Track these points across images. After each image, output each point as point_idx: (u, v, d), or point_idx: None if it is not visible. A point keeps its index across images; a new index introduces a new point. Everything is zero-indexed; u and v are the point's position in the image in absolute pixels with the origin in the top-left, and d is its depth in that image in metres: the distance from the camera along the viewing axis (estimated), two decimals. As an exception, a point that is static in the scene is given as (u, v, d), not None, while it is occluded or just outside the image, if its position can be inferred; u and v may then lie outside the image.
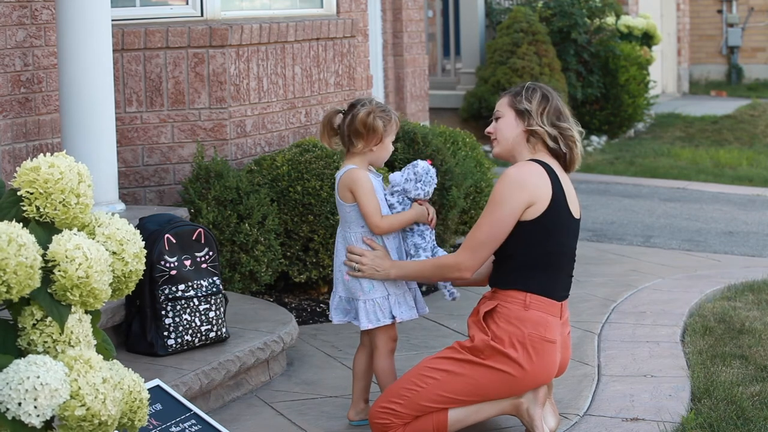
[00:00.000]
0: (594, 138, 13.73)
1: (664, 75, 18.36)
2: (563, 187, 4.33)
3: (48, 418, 2.88)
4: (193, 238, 5.00)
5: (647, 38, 15.00)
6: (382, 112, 4.52)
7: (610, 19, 14.13)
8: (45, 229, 3.03)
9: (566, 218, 4.34)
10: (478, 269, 4.40)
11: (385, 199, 4.55)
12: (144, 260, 3.21)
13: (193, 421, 3.99)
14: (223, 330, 5.01)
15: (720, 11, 20.04)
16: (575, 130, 4.41)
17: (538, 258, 4.30)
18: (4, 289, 2.84)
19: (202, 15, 6.51)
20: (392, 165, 6.81)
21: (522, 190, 4.26)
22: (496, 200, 4.29)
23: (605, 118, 13.86)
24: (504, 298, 4.32)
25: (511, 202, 4.26)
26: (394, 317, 4.51)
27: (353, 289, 4.50)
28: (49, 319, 2.98)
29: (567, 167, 4.42)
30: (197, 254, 4.99)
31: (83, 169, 3.08)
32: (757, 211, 9.88)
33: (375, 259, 4.48)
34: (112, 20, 5.70)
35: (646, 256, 7.96)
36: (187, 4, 6.54)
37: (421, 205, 4.54)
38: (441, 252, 4.58)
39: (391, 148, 4.59)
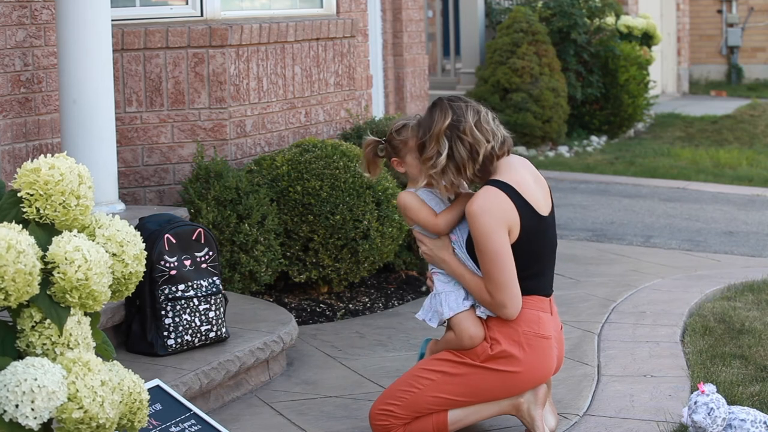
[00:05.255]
0: (594, 138, 13.73)
1: (664, 75, 18.36)
2: (525, 198, 4.23)
3: (45, 421, 2.89)
4: (193, 238, 5.00)
5: (647, 38, 15.00)
6: (394, 132, 4.45)
7: (610, 19, 14.13)
8: (45, 231, 3.03)
9: (538, 228, 4.28)
10: (520, 301, 4.26)
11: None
12: (144, 262, 3.21)
13: (193, 421, 3.99)
14: (223, 330, 5.01)
15: (720, 11, 20.03)
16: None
17: (521, 271, 4.27)
18: (2, 296, 2.84)
19: (202, 15, 6.51)
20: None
21: (497, 216, 4.16)
22: (484, 234, 4.17)
23: (605, 118, 13.86)
24: None
25: (497, 228, 4.16)
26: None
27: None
28: (48, 321, 2.98)
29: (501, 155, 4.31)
30: (197, 254, 4.99)
31: (84, 171, 3.09)
32: (757, 211, 9.88)
33: (433, 248, 4.41)
34: (112, 20, 5.70)
35: (646, 256, 7.95)
36: (187, 4, 6.54)
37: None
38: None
39: (414, 164, 4.42)
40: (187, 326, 4.89)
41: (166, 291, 4.87)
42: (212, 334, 4.97)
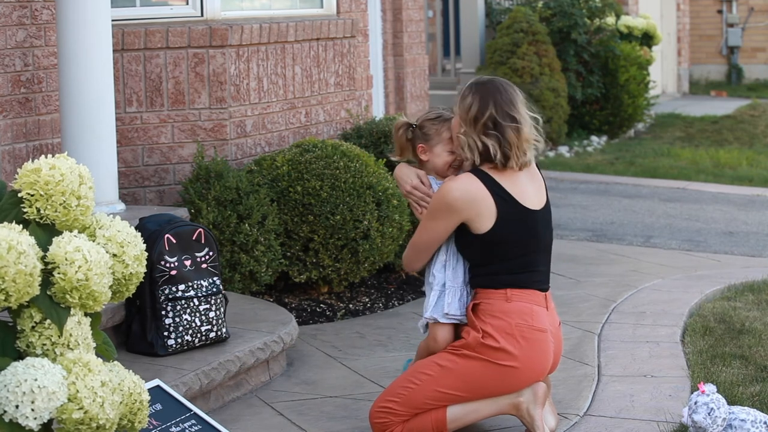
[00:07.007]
0: (594, 138, 13.73)
1: (664, 75, 18.35)
2: (507, 189, 4.30)
3: (45, 421, 2.89)
4: (193, 238, 5.00)
5: (647, 38, 14.99)
6: (428, 120, 4.50)
7: (610, 20, 14.12)
8: (45, 231, 3.03)
9: (523, 219, 4.33)
10: (420, 268, 4.50)
11: None
12: (145, 263, 3.21)
13: (193, 421, 4.00)
14: (223, 330, 5.01)
15: (720, 11, 20.02)
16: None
17: (508, 262, 4.33)
18: (3, 297, 2.84)
19: (202, 15, 6.51)
20: (393, 165, 6.80)
21: (457, 209, 4.29)
22: (433, 212, 4.37)
23: (605, 118, 13.85)
24: (485, 295, 4.35)
25: (446, 218, 4.33)
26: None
27: None
28: (48, 321, 2.98)
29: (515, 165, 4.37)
30: (197, 254, 4.99)
31: (84, 171, 3.09)
32: (757, 211, 9.88)
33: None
34: (112, 20, 5.70)
35: (646, 256, 7.95)
36: (187, 4, 6.54)
37: None
38: None
39: (442, 155, 4.49)
40: (188, 326, 4.89)
41: (167, 291, 4.88)
42: (212, 334, 4.97)
